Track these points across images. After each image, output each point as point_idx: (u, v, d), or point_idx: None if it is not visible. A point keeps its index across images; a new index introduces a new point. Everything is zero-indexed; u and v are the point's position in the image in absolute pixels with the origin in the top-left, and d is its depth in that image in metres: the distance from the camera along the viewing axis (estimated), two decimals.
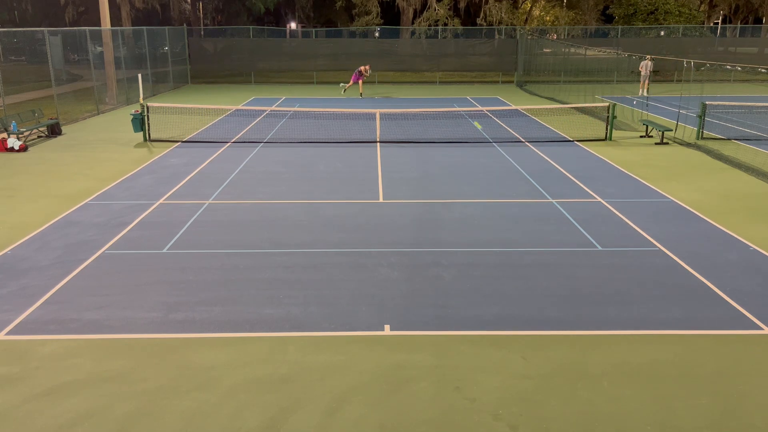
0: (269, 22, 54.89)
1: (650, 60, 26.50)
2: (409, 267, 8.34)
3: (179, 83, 32.65)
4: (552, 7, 47.48)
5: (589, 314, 7.04)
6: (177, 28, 33.93)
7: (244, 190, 12.09)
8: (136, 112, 17.35)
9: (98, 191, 12.04)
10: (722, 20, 54.87)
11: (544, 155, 15.28)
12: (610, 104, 17.36)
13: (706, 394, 5.54)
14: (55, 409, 5.33)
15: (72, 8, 45.25)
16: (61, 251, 8.90)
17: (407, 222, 10.20)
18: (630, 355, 6.19)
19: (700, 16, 41.67)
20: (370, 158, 14.91)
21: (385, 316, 6.99)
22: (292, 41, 39.78)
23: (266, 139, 17.35)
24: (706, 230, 9.85)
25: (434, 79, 35.42)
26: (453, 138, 17.43)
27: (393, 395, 5.54)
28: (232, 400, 5.47)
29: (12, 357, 6.15)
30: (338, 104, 25.41)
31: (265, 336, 6.55)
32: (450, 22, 41.35)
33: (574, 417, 5.23)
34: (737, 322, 6.86)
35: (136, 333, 6.61)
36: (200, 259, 8.59)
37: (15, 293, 7.55)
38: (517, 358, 6.12)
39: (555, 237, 9.49)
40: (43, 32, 20.99)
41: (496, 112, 22.15)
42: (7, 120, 16.49)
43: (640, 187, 12.44)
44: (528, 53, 33.98)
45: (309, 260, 8.55)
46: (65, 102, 23.04)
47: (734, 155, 14.96)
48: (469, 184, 12.60)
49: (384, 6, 43.72)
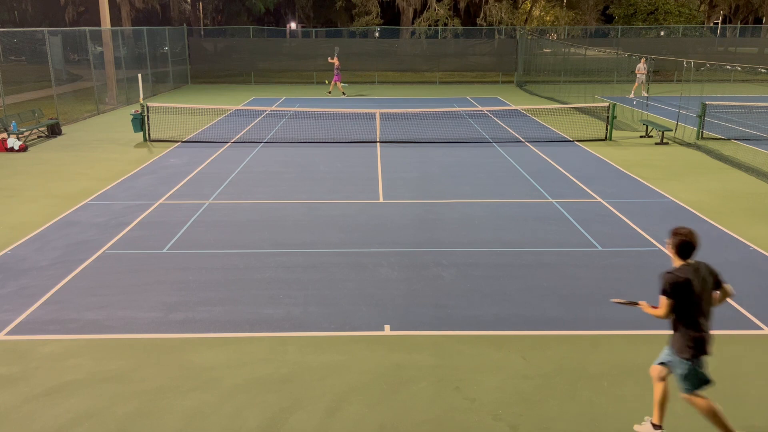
0: (269, 22, 54.90)
1: (644, 62, 26.46)
2: (409, 267, 8.34)
3: (179, 83, 32.64)
4: (552, 7, 47.45)
5: (589, 314, 7.04)
6: (177, 28, 33.93)
7: (244, 190, 12.09)
8: (136, 112, 17.35)
9: (98, 191, 12.05)
10: (722, 20, 54.87)
11: (544, 155, 15.28)
12: (610, 104, 17.36)
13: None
14: (55, 409, 5.33)
15: (72, 8, 45.25)
16: (61, 251, 8.91)
17: (407, 222, 10.20)
18: (630, 355, 6.19)
19: (700, 16, 41.69)
20: (370, 158, 14.91)
21: (385, 316, 6.99)
22: (292, 41, 39.76)
23: (266, 139, 17.35)
24: (706, 230, 9.85)
25: (434, 79, 35.42)
26: (453, 138, 17.43)
27: (393, 395, 5.54)
28: (232, 400, 5.47)
29: (12, 357, 6.15)
30: (338, 104, 25.41)
31: (265, 336, 6.55)
32: (450, 22, 41.33)
33: (574, 417, 5.23)
34: (737, 322, 6.86)
35: (136, 333, 6.61)
36: (200, 259, 8.59)
37: (15, 293, 7.55)
38: (517, 358, 6.12)
39: (555, 237, 9.49)
40: (43, 32, 20.99)
41: (496, 112, 22.15)
42: (7, 120, 16.50)
43: (640, 187, 12.44)
44: (528, 53, 33.98)
45: (309, 260, 8.56)
46: (65, 102, 23.06)
47: (734, 155, 14.96)
48: (469, 184, 12.60)
49: (384, 6, 43.71)
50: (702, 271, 4.59)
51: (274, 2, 48.16)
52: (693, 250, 4.56)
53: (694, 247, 4.55)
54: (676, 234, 4.59)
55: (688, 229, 4.61)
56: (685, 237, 4.54)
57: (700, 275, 4.56)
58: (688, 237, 4.54)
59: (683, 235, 4.55)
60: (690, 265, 4.58)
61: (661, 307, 4.61)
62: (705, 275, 4.59)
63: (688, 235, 4.55)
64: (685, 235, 4.55)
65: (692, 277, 4.52)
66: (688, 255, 4.58)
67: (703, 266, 4.63)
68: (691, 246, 4.55)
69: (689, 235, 4.56)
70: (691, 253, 4.57)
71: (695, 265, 4.59)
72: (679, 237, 4.56)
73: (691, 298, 4.53)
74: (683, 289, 4.51)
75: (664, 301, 4.57)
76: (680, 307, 4.57)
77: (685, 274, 4.52)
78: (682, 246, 4.56)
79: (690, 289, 4.51)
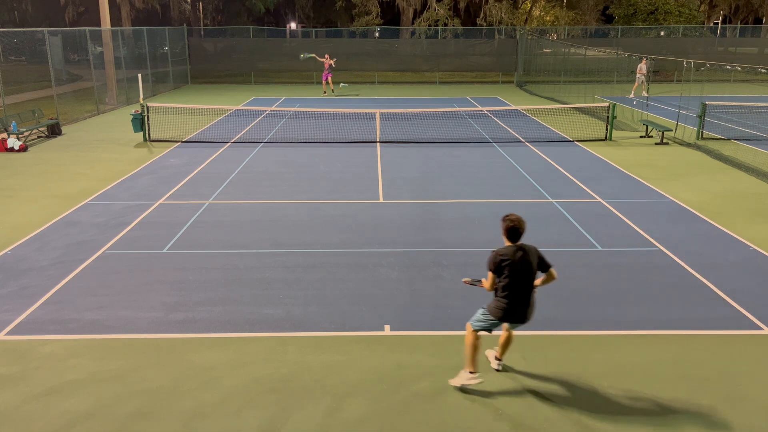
0: (269, 22, 54.90)
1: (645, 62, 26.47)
2: (409, 267, 8.34)
3: (179, 83, 32.64)
4: (552, 7, 47.43)
5: (589, 314, 7.04)
6: (177, 28, 33.92)
7: (244, 190, 12.09)
8: (136, 112, 17.35)
9: (98, 191, 12.04)
10: (722, 20, 54.86)
11: (544, 155, 15.28)
12: (610, 104, 17.36)
13: (706, 394, 5.54)
14: (55, 409, 5.33)
15: (72, 8, 45.26)
16: (61, 251, 8.90)
17: (407, 222, 10.20)
18: (630, 355, 6.19)
19: (700, 16, 41.67)
20: (370, 158, 14.91)
21: (385, 316, 6.99)
22: (292, 41, 39.75)
23: (266, 139, 17.35)
24: (706, 230, 9.85)
25: (434, 79, 35.42)
26: (453, 138, 17.43)
27: (393, 395, 5.54)
28: (232, 400, 5.47)
29: (12, 357, 6.15)
30: (338, 104, 25.41)
31: (265, 336, 6.55)
32: (450, 22, 41.33)
33: (574, 417, 5.22)
34: (737, 322, 6.86)
35: (136, 333, 6.61)
36: (200, 259, 8.59)
37: (15, 293, 7.55)
38: (517, 358, 6.12)
39: (555, 237, 9.49)
40: (43, 32, 20.99)
41: (496, 112, 22.15)
42: (7, 120, 16.49)
43: (640, 187, 12.44)
44: (528, 53, 33.98)
45: (309, 260, 8.55)
46: (65, 102, 23.06)
47: (734, 155, 14.96)
48: (469, 184, 12.60)
49: (384, 6, 43.70)
50: (526, 252, 5.23)
51: (274, 2, 48.18)
52: (519, 234, 5.22)
53: (520, 231, 5.21)
54: (505, 220, 5.25)
55: (517, 216, 5.25)
56: (513, 222, 5.20)
57: (521, 256, 5.21)
58: (516, 223, 5.20)
59: (511, 221, 5.21)
60: (514, 246, 5.24)
61: (488, 280, 5.34)
62: (529, 257, 5.23)
63: (516, 221, 5.21)
64: (513, 221, 5.21)
65: (511, 257, 5.19)
66: (515, 238, 5.24)
67: (530, 249, 5.28)
68: (517, 230, 5.21)
69: (517, 221, 5.21)
70: (518, 236, 5.23)
71: (519, 246, 5.25)
72: (507, 222, 5.23)
73: (508, 273, 5.19)
74: (502, 266, 5.19)
75: (489, 275, 5.29)
76: (500, 280, 5.25)
77: (504, 253, 5.20)
78: (510, 230, 5.23)
79: (507, 266, 5.18)
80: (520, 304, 5.29)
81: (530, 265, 5.24)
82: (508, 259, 5.19)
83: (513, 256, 5.19)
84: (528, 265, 5.23)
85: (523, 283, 5.25)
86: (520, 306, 5.30)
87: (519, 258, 5.20)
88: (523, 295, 5.28)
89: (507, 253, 5.22)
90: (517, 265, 5.19)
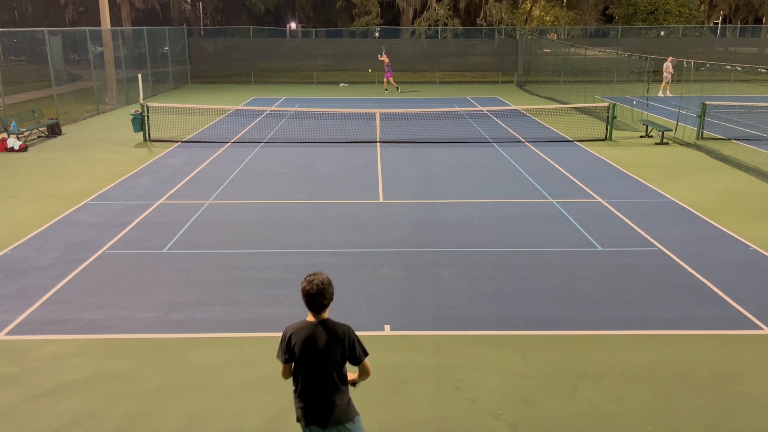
0: (269, 22, 54.84)
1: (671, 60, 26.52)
2: (409, 267, 8.34)
3: (179, 83, 32.64)
4: (552, 7, 47.45)
5: (589, 314, 7.04)
6: (177, 28, 33.92)
7: (244, 190, 12.09)
8: (136, 112, 17.35)
9: (98, 191, 12.04)
10: (722, 20, 54.86)
11: (544, 155, 15.28)
12: (610, 104, 17.36)
13: (706, 394, 5.53)
14: (55, 409, 5.33)
15: (72, 8, 45.22)
16: (61, 251, 8.90)
17: (407, 222, 10.20)
18: (630, 355, 6.18)
19: (700, 16, 41.70)
20: (370, 158, 14.91)
21: (385, 316, 6.99)
22: (292, 41, 39.81)
23: (266, 139, 17.35)
24: (706, 230, 9.85)
25: (434, 79, 35.41)
26: (453, 138, 17.43)
27: (393, 395, 5.54)
28: (232, 400, 5.47)
29: (12, 357, 6.15)
30: (338, 104, 25.41)
31: (265, 336, 6.55)
32: (450, 22, 41.33)
33: (575, 417, 5.22)
34: (737, 322, 6.85)
35: (135, 333, 6.61)
36: (200, 259, 8.59)
37: (15, 293, 7.55)
38: (517, 358, 6.12)
39: (555, 237, 9.49)
40: (43, 32, 20.99)
41: (496, 112, 22.15)
42: (7, 120, 16.49)
43: (640, 187, 12.44)
44: (528, 53, 33.98)
45: (309, 260, 8.55)
46: (65, 102, 23.05)
47: (734, 155, 14.96)
48: (469, 184, 12.60)
49: (384, 6, 43.71)
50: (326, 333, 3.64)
51: (274, 2, 48.17)
52: (320, 303, 3.59)
53: (319, 299, 3.57)
54: (304, 281, 3.63)
55: (321, 277, 3.62)
56: (308, 286, 3.58)
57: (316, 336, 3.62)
58: (312, 287, 3.56)
59: (309, 282, 3.59)
60: (313, 322, 3.67)
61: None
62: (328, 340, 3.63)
63: (312, 284, 3.57)
64: (309, 283, 3.59)
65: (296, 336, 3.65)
66: (315, 308, 3.63)
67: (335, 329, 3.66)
68: (314, 298, 3.57)
69: (315, 284, 3.57)
70: (319, 306, 3.60)
71: (321, 322, 3.66)
72: (303, 284, 3.61)
73: (298, 357, 3.66)
74: (291, 347, 3.67)
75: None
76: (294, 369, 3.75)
77: (295, 329, 3.69)
78: (306, 297, 3.61)
79: (292, 349, 3.66)
80: (314, 403, 3.71)
81: (327, 353, 3.63)
82: (290, 337, 3.68)
83: (299, 336, 3.66)
84: (325, 353, 3.63)
85: (317, 376, 3.67)
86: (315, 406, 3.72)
87: (310, 338, 3.63)
88: (318, 391, 3.70)
89: (298, 329, 3.68)
90: (307, 347, 3.63)
